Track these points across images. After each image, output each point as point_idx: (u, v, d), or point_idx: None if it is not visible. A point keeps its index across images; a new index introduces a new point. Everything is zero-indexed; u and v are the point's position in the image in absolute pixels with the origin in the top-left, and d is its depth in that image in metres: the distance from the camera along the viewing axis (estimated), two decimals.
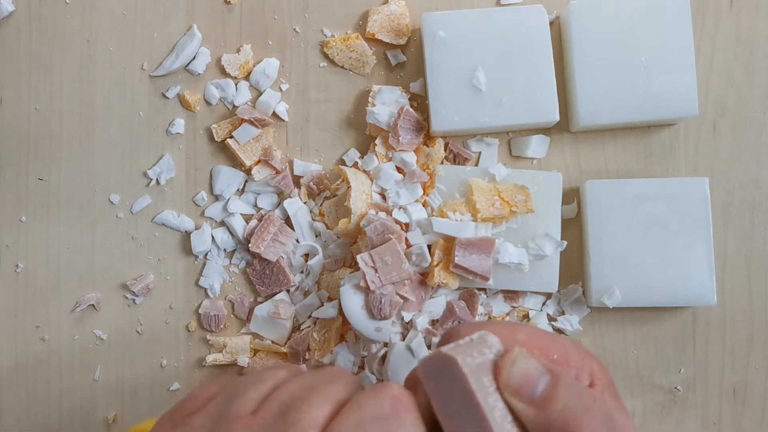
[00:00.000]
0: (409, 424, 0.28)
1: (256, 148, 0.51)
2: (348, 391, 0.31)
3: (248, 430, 0.28)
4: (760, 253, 0.50)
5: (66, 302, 0.52)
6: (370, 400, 0.29)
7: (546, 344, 0.31)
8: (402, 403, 0.29)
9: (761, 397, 0.50)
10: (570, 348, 0.32)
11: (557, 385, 0.28)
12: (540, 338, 0.31)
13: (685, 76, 0.48)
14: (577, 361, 0.31)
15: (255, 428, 0.28)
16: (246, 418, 0.29)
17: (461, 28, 0.48)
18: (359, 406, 0.29)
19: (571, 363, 0.31)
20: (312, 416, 0.29)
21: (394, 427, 0.28)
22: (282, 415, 0.29)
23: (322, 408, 0.29)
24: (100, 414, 0.52)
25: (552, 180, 0.48)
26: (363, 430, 0.28)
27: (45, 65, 0.52)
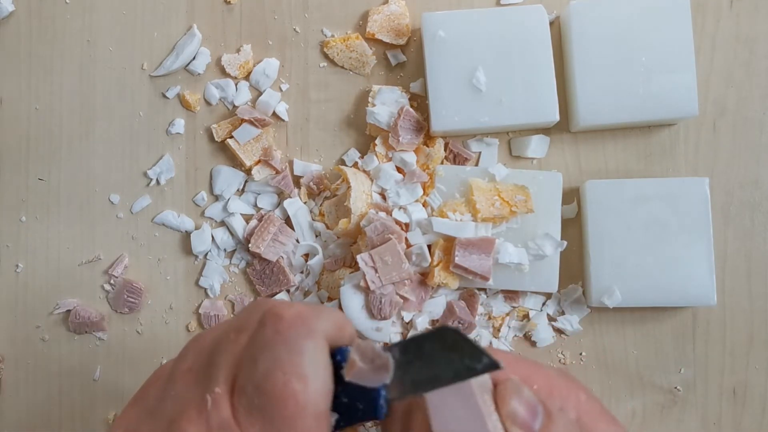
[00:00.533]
0: (296, 338, 0.29)
1: (256, 148, 0.51)
2: (259, 316, 0.31)
3: (186, 384, 0.30)
4: (760, 253, 0.50)
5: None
6: (257, 330, 0.29)
7: (528, 373, 0.31)
8: (281, 320, 0.29)
9: (761, 397, 0.50)
10: (554, 378, 0.31)
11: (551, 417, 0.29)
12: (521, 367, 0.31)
13: (685, 76, 0.48)
14: (563, 391, 0.31)
15: (192, 381, 0.30)
16: (185, 374, 0.30)
17: (461, 28, 0.48)
18: (251, 341, 0.29)
19: (555, 393, 0.31)
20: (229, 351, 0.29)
21: (280, 349, 0.28)
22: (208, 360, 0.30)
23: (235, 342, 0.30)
24: (100, 414, 0.52)
25: (552, 180, 0.48)
26: (256, 362, 0.28)
27: (45, 65, 0.52)
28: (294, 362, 0.28)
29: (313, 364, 0.28)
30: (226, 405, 0.28)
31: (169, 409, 0.29)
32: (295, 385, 0.27)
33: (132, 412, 0.31)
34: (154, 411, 0.30)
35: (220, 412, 0.28)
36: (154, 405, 0.31)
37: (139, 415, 0.31)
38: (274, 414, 0.27)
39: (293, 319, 0.29)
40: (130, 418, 0.31)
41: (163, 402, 0.30)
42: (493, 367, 0.28)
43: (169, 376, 0.31)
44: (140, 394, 0.32)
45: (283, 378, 0.27)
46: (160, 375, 0.33)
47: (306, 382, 0.28)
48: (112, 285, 0.52)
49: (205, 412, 0.28)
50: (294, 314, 0.29)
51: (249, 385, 0.28)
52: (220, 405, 0.28)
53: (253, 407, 0.27)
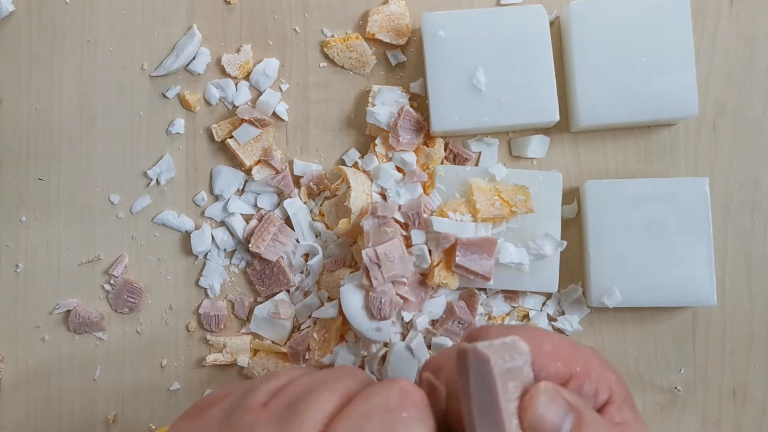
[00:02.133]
0: (415, 418, 0.29)
1: (256, 148, 0.51)
2: (357, 385, 0.31)
3: (258, 419, 0.29)
4: (760, 253, 0.50)
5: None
6: (378, 392, 0.29)
7: (570, 356, 0.31)
8: (410, 396, 0.29)
9: (761, 397, 0.50)
10: (592, 360, 0.32)
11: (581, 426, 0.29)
12: (564, 349, 0.31)
13: (685, 76, 0.48)
14: (598, 374, 0.31)
15: (264, 418, 0.29)
16: (257, 409, 0.30)
17: (461, 28, 0.48)
18: (367, 398, 0.29)
19: (593, 376, 0.31)
20: (319, 406, 0.29)
21: (399, 420, 0.28)
22: (291, 405, 0.30)
23: (330, 400, 0.30)
24: (100, 414, 0.52)
25: (552, 180, 0.48)
26: (369, 420, 0.28)
27: (45, 65, 0.52)
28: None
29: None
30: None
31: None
32: None
33: (188, 426, 0.31)
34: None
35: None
36: (215, 428, 0.30)
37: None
38: None
39: (418, 401, 0.30)
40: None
41: (226, 428, 0.30)
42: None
43: (238, 404, 0.31)
44: (198, 412, 0.32)
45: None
46: (222, 399, 0.32)
47: None
48: (112, 285, 0.52)
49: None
50: (419, 397, 0.30)
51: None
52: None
53: None
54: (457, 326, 0.48)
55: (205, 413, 0.31)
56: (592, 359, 0.32)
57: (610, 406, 0.31)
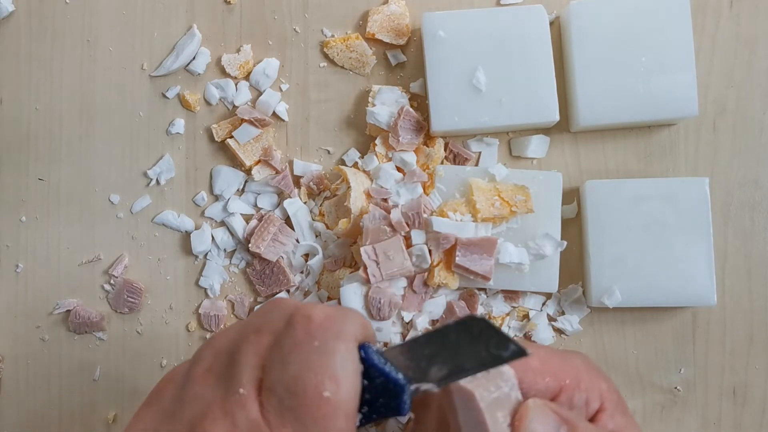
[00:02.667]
0: (328, 340, 0.29)
1: (256, 148, 0.51)
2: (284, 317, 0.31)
3: (205, 387, 0.30)
4: (760, 253, 0.50)
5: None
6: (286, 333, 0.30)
7: (558, 369, 0.31)
8: (313, 322, 0.29)
9: (761, 397, 0.50)
10: (581, 369, 0.32)
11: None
12: (552, 363, 0.31)
13: (685, 76, 0.48)
14: (588, 384, 0.31)
15: (212, 382, 0.30)
16: (202, 377, 0.31)
17: (461, 28, 0.48)
18: (279, 343, 0.30)
19: (582, 386, 0.31)
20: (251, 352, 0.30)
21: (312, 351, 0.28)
22: (229, 361, 0.30)
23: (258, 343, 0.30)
24: (100, 414, 0.52)
25: (552, 180, 0.48)
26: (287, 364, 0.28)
27: (45, 65, 0.52)
28: (326, 364, 0.28)
29: (345, 365, 0.28)
30: (254, 405, 0.28)
31: (188, 411, 0.29)
32: (327, 386, 0.28)
33: (146, 414, 0.31)
34: (173, 413, 0.30)
35: (247, 413, 0.28)
36: (171, 407, 0.31)
37: (155, 417, 0.31)
38: (307, 415, 0.27)
39: (323, 320, 0.29)
40: (145, 420, 0.31)
41: (181, 404, 0.30)
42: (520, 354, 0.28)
43: (185, 378, 0.31)
44: (153, 396, 0.32)
45: (316, 379, 0.28)
46: (174, 377, 0.33)
47: (338, 383, 0.28)
48: (112, 285, 0.52)
49: (231, 412, 0.28)
50: (324, 316, 0.30)
51: (279, 386, 0.28)
52: (247, 405, 0.28)
53: (284, 408, 0.28)
54: None
55: (160, 396, 0.32)
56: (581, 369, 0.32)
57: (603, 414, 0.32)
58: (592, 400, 0.31)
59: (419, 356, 0.30)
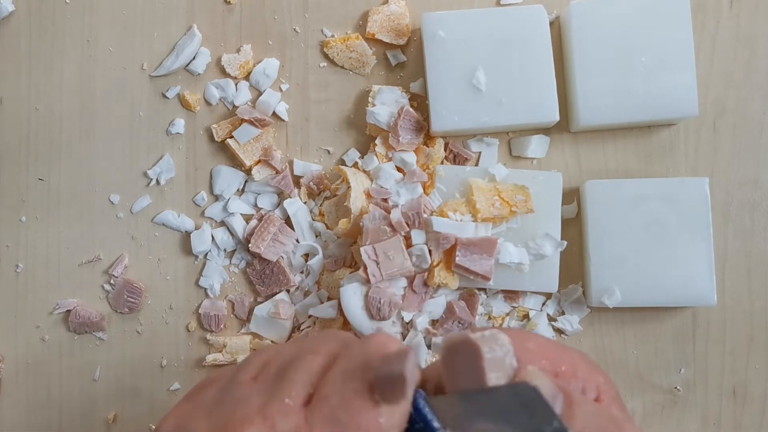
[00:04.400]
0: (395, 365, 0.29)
1: (256, 148, 0.51)
2: (340, 345, 0.32)
3: (250, 392, 0.31)
4: (760, 253, 0.50)
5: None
6: (357, 349, 0.30)
7: (555, 355, 0.31)
8: (388, 349, 0.30)
9: (761, 397, 0.50)
10: (578, 360, 0.32)
11: (572, 405, 0.29)
12: (549, 349, 0.31)
13: (685, 76, 0.48)
14: (585, 374, 0.31)
15: (256, 389, 0.31)
16: (248, 383, 0.31)
17: (461, 28, 0.48)
18: (347, 357, 0.30)
19: (579, 375, 0.31)
20: (305, 368, 0.30)
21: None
22: (279, 373, 0.31)
23: (314, 361, 0.31)
24: (100, 414, 0.52)
25: (552, 180, 0.48)
26: (351, 378, 0.29)
27: (45, 65, 0.52)
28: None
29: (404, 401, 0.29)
30: (297, 415, 0.28)
31: (228, 411, 0.30)
32: (384, 412, 0.28)
33: (185, 408, 0.32)
34: (212, 411, 0.31)
35: (288, 421, 0.28)
36: (211, 406, 0.31)
37: (193, 413, 0.31)
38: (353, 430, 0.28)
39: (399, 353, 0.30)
40: (183, 414, 0.32)
41: (221, 404, 0.31)
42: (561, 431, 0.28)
43: (230, 381, 0.32)
44: (194, 393, 0.33)
45: (374, 399, 0.28)
46: (218, 378, 0.33)
47: (393, 414, 0.28)
48: (112, 285, 0.52)
49: (271, 418, 0.28)
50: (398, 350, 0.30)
51: (335, 397, 0.28)
52: (289, 414, 0.28)
53: (334, 420, 0.28)
54: (457, 326, 0.48)
55: (202, 393, 0.32)
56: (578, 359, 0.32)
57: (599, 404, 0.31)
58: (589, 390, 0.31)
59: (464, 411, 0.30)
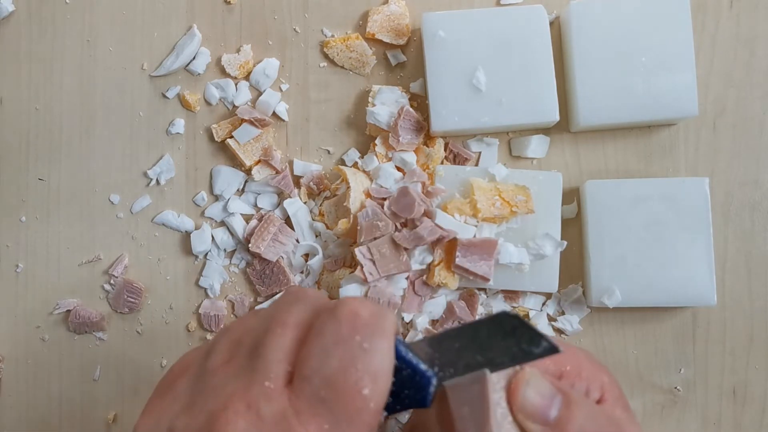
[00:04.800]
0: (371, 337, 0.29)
1: (256, 148, 0.51)
2: (308, 311, 0.31)
3: (226, 378, 0.30)
4: (760, 253, 0.50)
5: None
6: (328, 325, 0.29)
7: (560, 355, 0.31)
8: (359, 318, 0.29)
9: (761, 397, 0.50)
10: (582, 359, 0.32)
11: (570, 406, 0.29)
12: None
13: (685, 76, 0.48)
14: (589, 374, 0.31)
15: (232, 374, 0.30)
16: (221, 368, 0.30)
17: (461, 28, 0.48)
18: (320, 333, 0.29)
19: (583, 375, 0.31)
20: (277, 345, 0.29)
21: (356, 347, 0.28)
22: (251, 353, 0.30)
23: (285, 336, 0.30)
24: (100, 414, 0.52)
25: (552, 180, 0.48)
26: (328, 356, 0.28)
27: (45, 65, 0.52)
28: (369, 362, 0.28)
29: (385, 363, 0.28)
30: (282, 397, 0.28)
31: (208, 402, 0.29)
32: (367, 383, 0.28)
33: (160, 405, 0.31)
34: (190, 404, 0.30)
35: (273, 405, 0.28)
36: (187, 398, 0.30)
37: (170, 409, 0.30)
38: (340, 408, 0.27)
39: (369, 318, 0.29)
40: (159, 411, 0.31)
41: (199, 395, 0.30)
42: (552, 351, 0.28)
43: (202, 368, 0.31)
44: (165, 387, 0.32)
45: (356, 375, 0.28)
46: (187, 367, 0.32)
47: (377, 381, 0.28)
48: (112, 285, 0.52)
49: (255, 404, 0.28)
50: (369, 313, 0.29)
51: (317, 377, 0.28)
52: (273, 398, 0.28)
53: (318, 399, 0.28)
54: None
55: (173, 387, 0.31)
56: (583, 359, 0.32)
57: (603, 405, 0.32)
58: (593, 390, 0.31)
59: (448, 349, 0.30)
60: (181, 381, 0.31)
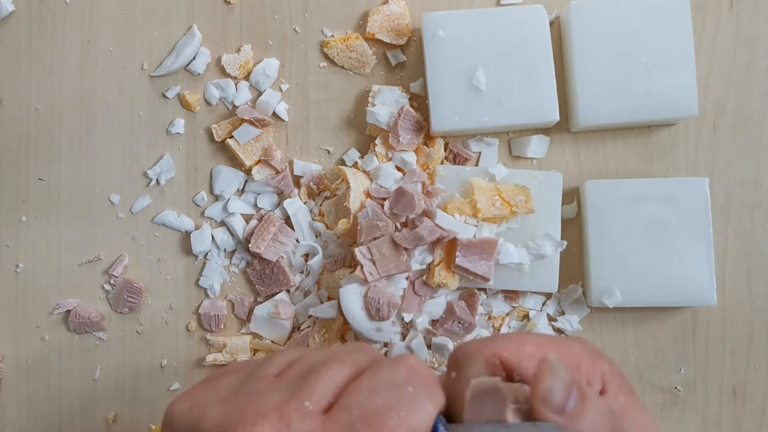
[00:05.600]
0: (422, 393, 0.29)
1: (256, 148, 0.51)
2: (367, 360, 0.32)
3: (270, 387, 0.30)
4: (760, 253, 0.50)
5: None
6: (386, 367, 0.30)
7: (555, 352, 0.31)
8: (417, 373, 0.30)
9: (761, 397, 0.50)
10: (579, 352, 0.32)
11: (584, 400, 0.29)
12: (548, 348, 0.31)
13: (685, 76, 0.48)
14: (588, 366, 0.31)
15: (277, 386, 0.30)
16: (269, 379, 0.31)
17: (461, 28, 0.48)
18: (375, 373, 0.30)
19: (582, 368, 0.31)
20: (330, 377, 0.30)
21: (406, 395, 0.29)
22: (302, 376, 0.31)
23: (340, 371, 0.30)
24: (100, 414, 0.52)
25: (552, 180, 0.48)
26: (376, 394, 0.29)
27: (45, 65, 0.52)
28: (411, 414, 0.28)
29: (425, 424, 0.29)
30: (314, 421, 0.28)
31: (244, 403, 0.30)
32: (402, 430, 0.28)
33: (200, 392, 0.32)
34: (228, 400, 0.30)
35: (305, 423, 0.28)
36: (228, 394, 0.31)
37: (209, 398, 0.31)
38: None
39: (426, 378, 0.30)
40: (199, 397, 0.31)
41: (239, 394, 0.31)
42: None
43: (251, 373, 0.32)
44: (214, 379, 0.33)
45: (397, 421, 0.28)
46: (239, 368, 0.33)
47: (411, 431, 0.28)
48: (112, 285, 0.52)
49: (287, 418, 0.28)
50: (427, 374, 0.30)
51: (357, 410, 0.28)
52: (306, 418, 0.28)
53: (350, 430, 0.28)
54: (457, 326, 0.48)
55: (220, 381, 0.32)
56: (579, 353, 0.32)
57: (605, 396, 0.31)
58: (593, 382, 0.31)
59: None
60: (229, 377, 0.32)
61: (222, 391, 0.31)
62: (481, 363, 0.31)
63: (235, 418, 0.29)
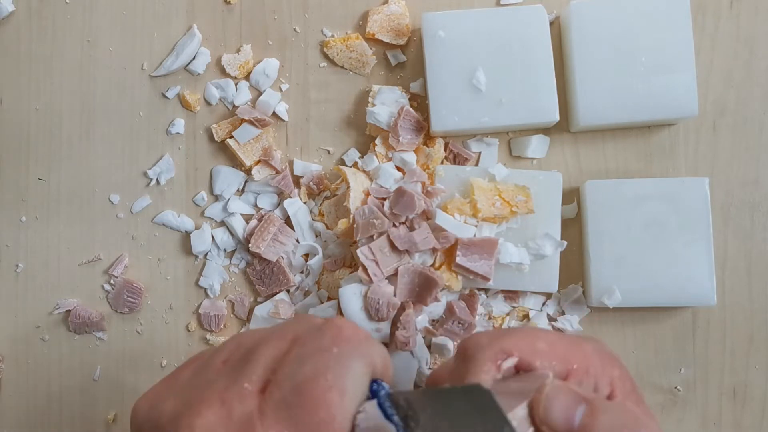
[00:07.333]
0: (348, 354, 0.29)
1: (256, 148, 0.51)
2: (306, 329, 0.32)
3: (218, 375, 0.31)
4: (760, 253, 0.50)
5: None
6: (312, 334, 0.30)
7: (566, 352, 0.31)
8: (342, 334, 0.30)
9: (761, 397, 0.50)
10: (590, 355, 0.32)
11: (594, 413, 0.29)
12: (560, 347, 0.31)
13: (685, 76, 0.48)
14: (598, 370, 0.31)
15: (224, 372, 0.31)
16: (218, 366, 0.32)
17: (461, 28, 0.48)
18: (303, 342, 0.30)
19: (591, 372, 0.31)
20: (268, 354, 0.30)
21: (332, 357, 0.29)
22: (244, 357, 0.31)
23: (276, 347, 0.31)
24: (100, 414, 0.52)
25: (552, 180, 0.48)
26: (302, 363, 0.29)
27: (45, 65, 0.52)
28: (339, 375, 0.28)
29: (355, 383, 0.29)
30: (253, 401, 0.29)
31: (195, 393, 0.30)
32: (333, 395, 0.28)
33: (161, 389, 0.33)
34: (181, 392, 0.31)
35: (244, 406, 0.28)
36: (182, 386, 0.32)
37: (166, 393, 0.32)
38: (304, 417, 0.28)
39: (351, 335, 0.30)
40: (158, 394, 0.32)
41: (191, 386, 0.31)
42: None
43: (204, 364, 0.32)
44: (173, 374, 0.34)
45: (325, 385, 0.28)
46: (195, 361, 0.34)
47: (343, 397, 0.28)
48: (112, 285, 0.52)
49: (228, 402, 0.29)
50: (353, 332, 0.30)
51: (288, 382, 0.28)
52: (246, 399, 0.29)
53: (284, 405, 0.28)
54: (457, 326, 0.48)
55: (177, 377, 0.33)
56: (590, 355, 0.32)
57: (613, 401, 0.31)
58: (602, 386, 0.31)
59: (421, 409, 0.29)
60: (186, 372, 0.33)
61: (178, 385, 0.32)
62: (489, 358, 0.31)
63: (182, 410, 0.29)
